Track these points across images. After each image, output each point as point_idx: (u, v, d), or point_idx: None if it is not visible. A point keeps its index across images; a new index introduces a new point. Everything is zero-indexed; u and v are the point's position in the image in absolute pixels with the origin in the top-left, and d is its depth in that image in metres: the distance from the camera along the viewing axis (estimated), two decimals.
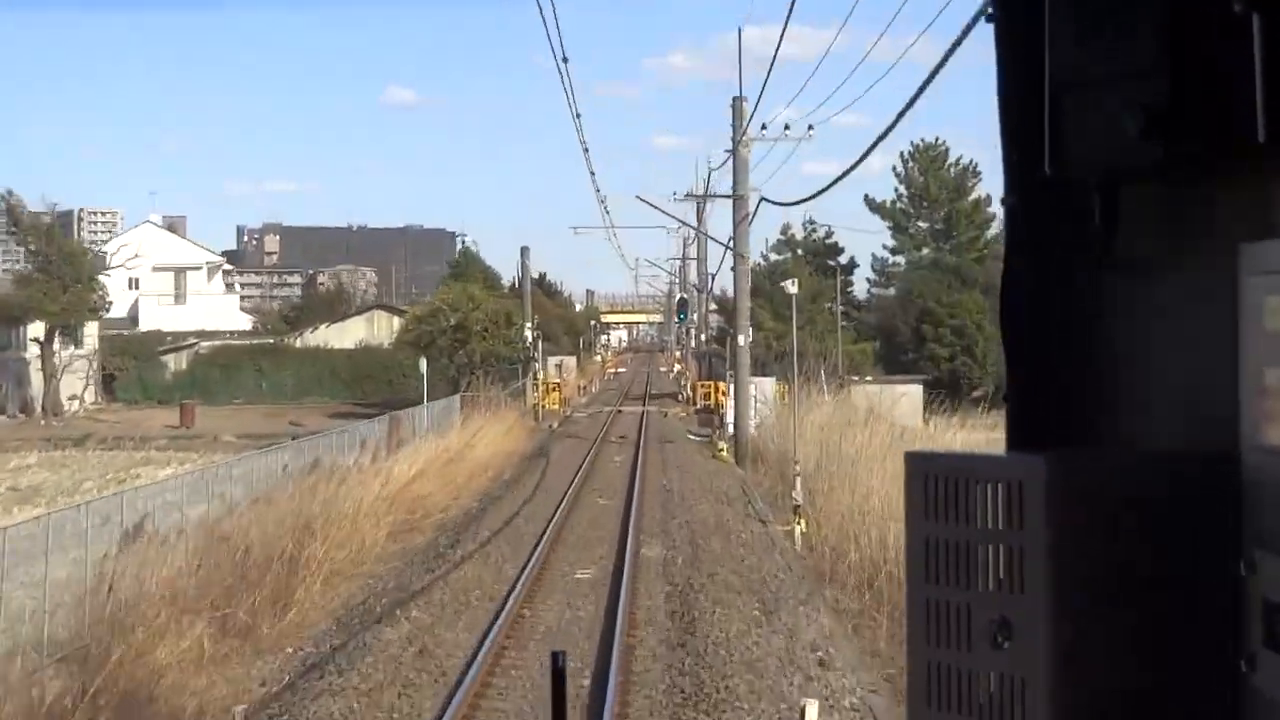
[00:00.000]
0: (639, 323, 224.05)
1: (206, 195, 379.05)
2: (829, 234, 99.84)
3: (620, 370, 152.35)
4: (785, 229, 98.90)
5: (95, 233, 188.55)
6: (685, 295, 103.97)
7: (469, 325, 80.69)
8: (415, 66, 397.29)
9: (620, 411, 74.40)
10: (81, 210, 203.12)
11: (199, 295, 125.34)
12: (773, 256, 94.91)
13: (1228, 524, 1.82)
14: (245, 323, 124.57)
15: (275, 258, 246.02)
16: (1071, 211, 2.09)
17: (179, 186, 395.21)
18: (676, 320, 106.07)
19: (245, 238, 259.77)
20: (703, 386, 77.60)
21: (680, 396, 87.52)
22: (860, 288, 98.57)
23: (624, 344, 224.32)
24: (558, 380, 78.36)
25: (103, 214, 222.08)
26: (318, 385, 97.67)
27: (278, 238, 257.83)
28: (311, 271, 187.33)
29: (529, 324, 74.85)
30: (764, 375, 57.86)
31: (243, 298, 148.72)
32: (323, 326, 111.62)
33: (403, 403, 62.02)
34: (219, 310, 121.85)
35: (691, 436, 57.81)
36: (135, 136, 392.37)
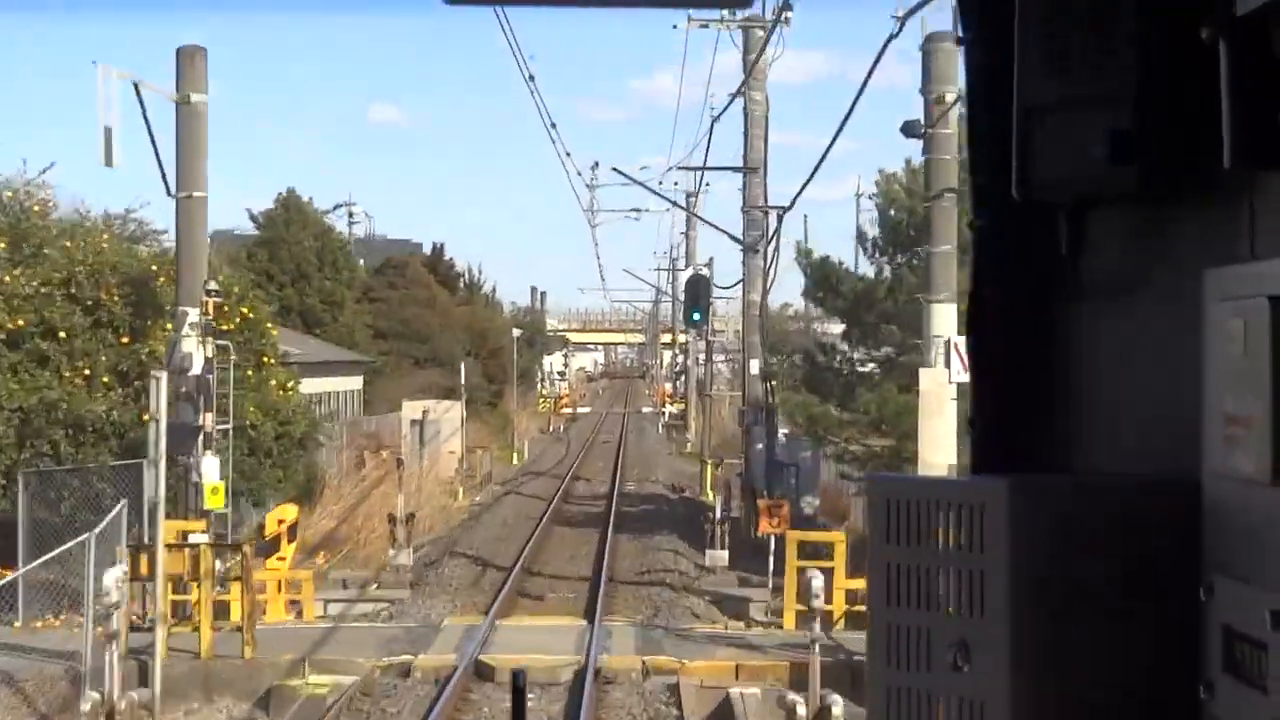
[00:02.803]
0: (617, 343, 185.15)
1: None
2: None
3: (580, 411, 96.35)
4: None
5: None
6: (702, 271, 47.83)
7: None
8: (402, 85, 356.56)
9: (484, 678, 18.17)
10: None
11: None
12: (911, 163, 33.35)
13: (1188, 549, 1.80)
14: None
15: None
16: (1039, 235, 2.09)
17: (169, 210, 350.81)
18: (690, 322, 44.64)
19: None
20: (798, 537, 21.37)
21: (707, 535, 30.29)
22: None
23: (599, 366, 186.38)
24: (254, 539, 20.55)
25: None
26: None
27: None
28: None
29: (183, 316, 18.25)
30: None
31: None
32: None
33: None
34: None
35: None
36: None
